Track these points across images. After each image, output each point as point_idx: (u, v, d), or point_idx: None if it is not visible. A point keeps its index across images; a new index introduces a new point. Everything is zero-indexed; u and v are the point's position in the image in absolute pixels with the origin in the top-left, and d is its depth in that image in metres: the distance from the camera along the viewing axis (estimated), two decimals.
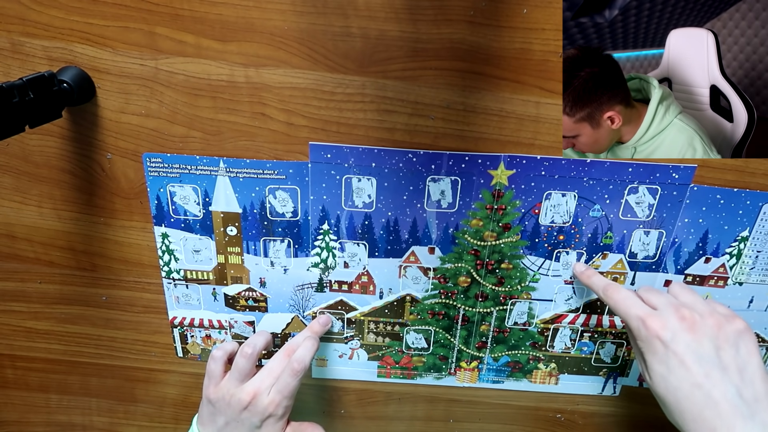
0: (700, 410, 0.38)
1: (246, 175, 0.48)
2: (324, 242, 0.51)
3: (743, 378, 0.38)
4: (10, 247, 0.53)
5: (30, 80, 0.39)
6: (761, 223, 0.49)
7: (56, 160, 0.49)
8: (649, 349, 0.41)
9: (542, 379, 0.59)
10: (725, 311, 0.42)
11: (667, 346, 0.40)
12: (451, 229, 0.50)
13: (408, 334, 0.56)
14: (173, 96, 0.45)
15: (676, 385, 0.39)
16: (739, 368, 0.39)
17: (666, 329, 0.40)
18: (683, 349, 0.39)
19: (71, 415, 0.64)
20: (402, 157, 0.47)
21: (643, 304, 0.43)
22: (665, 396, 0.40)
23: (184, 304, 0.55)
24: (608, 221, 0.50)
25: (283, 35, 0.43)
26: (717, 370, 0.38)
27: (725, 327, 0.40)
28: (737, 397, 0.37)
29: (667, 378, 0.40)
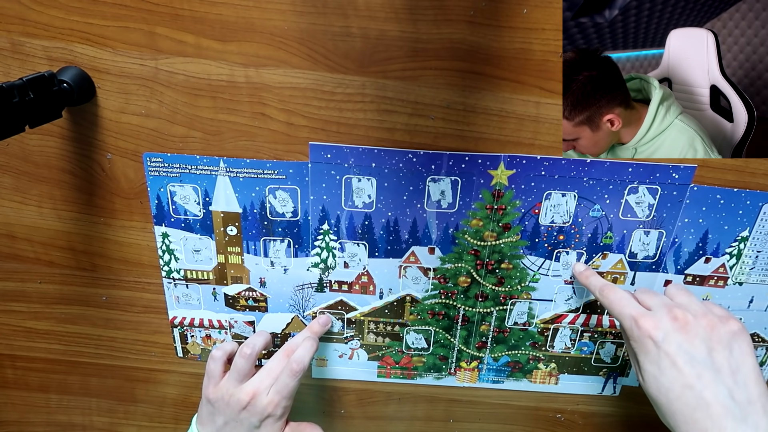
0: (691, 411, 0.37)
1: (246, 175, 0.48)
2: (324, 242, 0.51)
3: (736, 380, 0.38)
4: (10, 247, 0.53)
5: (30, 80, 0.39)
6: (761, 223, 0.49)
7: (56, 160, 0.49)
8: (642, 349, 0.41)
9: (542, 379, 0.59)
10: (720, 312, 0.42)
11: (659, 346, 0.39)
12: (451, 229, 0.50)
13: (408, 335, 0.56)
14: (173, 96, 0.45)
15: (667, 386, 0.39)
16: (732, 370, 0.38)
17: (658, 329, 0.40)
18: (675, 349, 0.39)
19: (71, 415, 0.64)
20: (402, 158, 0.47)
21: (638, 305, 0.43)
22: (657, 397, 0.40)
23: (184, 303, 0.55)
24: (608, 221, 0.50)
25: (283, 35, 0.43)
26: (709, 371, 0.38)
27: (719, 328, 0.40)
28: (729, 398, 0.37)
29: (659, 378, 0.39)
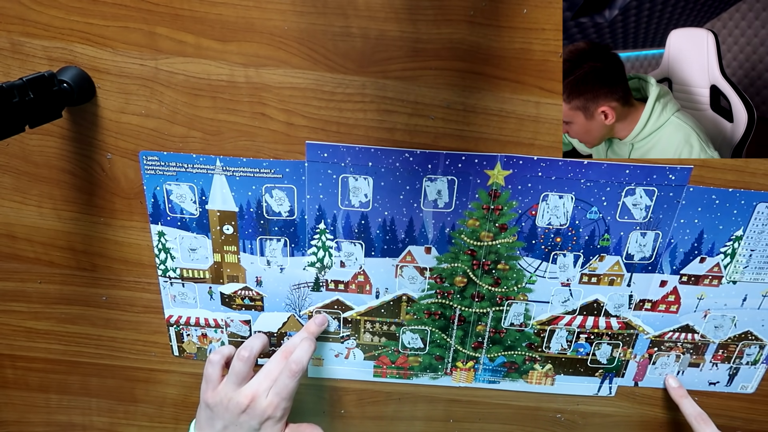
0: None
1: (242, 174, 0.48)
2: (320, 241, 0.51)
3: None
4: (10, 247, 0.54)
5: (30, 80, 0.39)
6: (755, 222, 0.49)
7: (56, 160, 0.49)
8: None
9: (538, 379, 0.59)
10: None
11: None
12: (447, 228, 0.50)
13: (404, 334, 0.56)
14: (173, 96, 0.46)
15: None
16: None
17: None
18: None
19: (71, 415, 0.64)
20: (399, 157, 0.47)
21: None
22: None
23: (180, 302, 0.55)
24: (605, 223, 0.50)
25: (283, 35, 0.43)
26: None
27: None
28: None
29: None
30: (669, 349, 0.57)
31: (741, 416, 0.61)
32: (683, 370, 0.58)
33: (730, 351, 0.57)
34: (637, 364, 0.58)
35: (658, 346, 0.56)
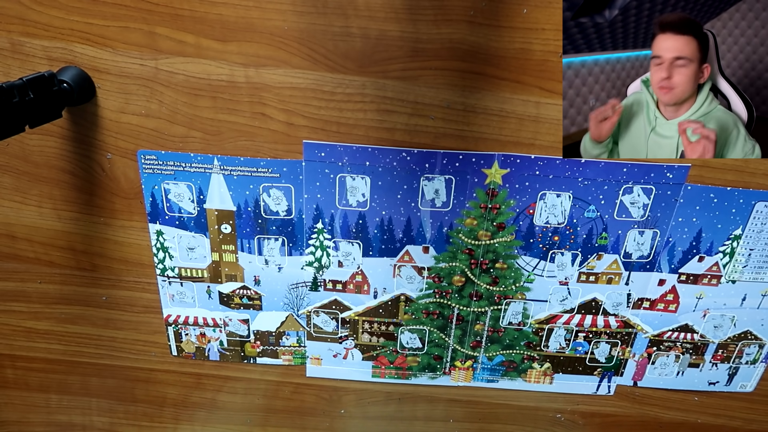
0: None
1: (240, 173, 0.48)
2: (318, 241, 0.51)
3: None
4: (10, 247, 0.54)
5: (30, 80, 0.39)
6: (754, 221, 0.49)
7: (56, 160, 0.49)
8: None
9: (537, 378, 0.59)
10: None
11: None
12: (445, 228, 0.50)
13: (402, 335, 0.56)
14: (173, 96, 0.46)
15: None
16: None
17: None
18: None
19: (71, 415, 0.64)
20: (396, 156, 0.47)
21: None
22: None
23: (178, 302, 0.55)
24: (603, 222, 0.50)
25: (283, 35, 0.43)
26: None
27: None
28: None
29: None
30: (668, 348, 0.57)
31: (741, 416, 0.61)
32: (683, 370, 0.58)
33: (730, 351, 0.57)
34: (636, 364, 0.58)
35: (657, 345, 0.56)
